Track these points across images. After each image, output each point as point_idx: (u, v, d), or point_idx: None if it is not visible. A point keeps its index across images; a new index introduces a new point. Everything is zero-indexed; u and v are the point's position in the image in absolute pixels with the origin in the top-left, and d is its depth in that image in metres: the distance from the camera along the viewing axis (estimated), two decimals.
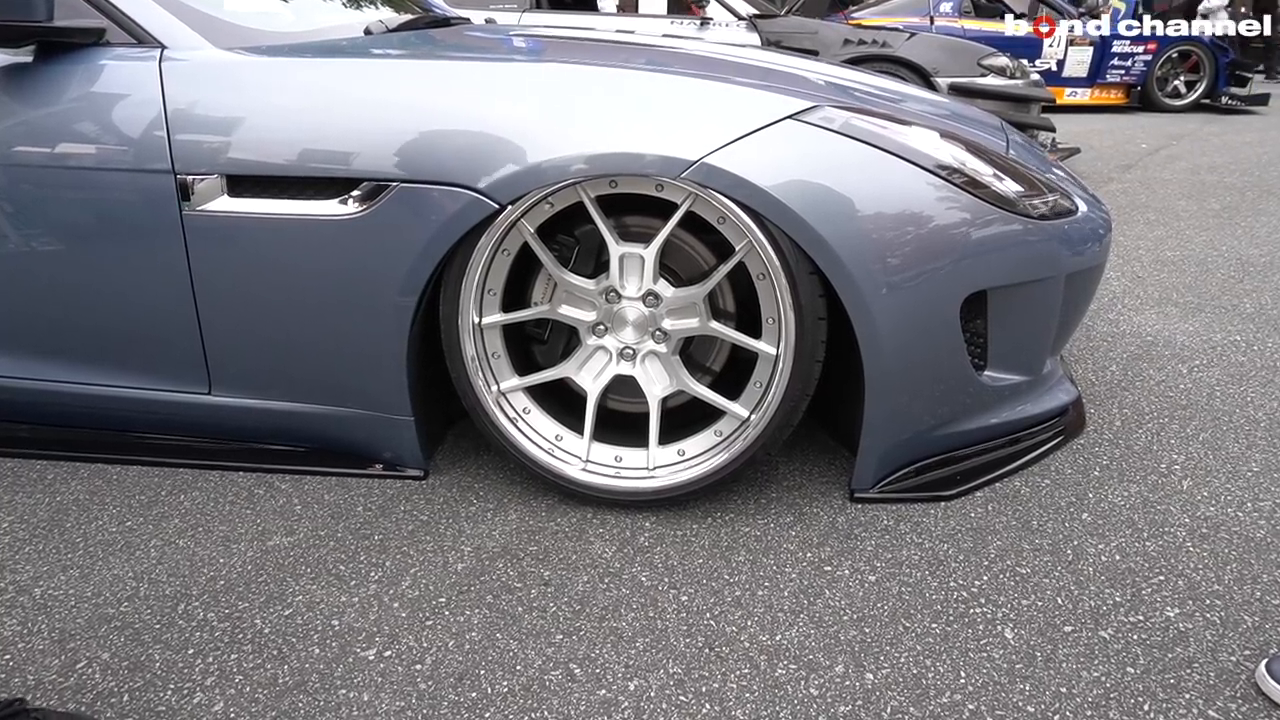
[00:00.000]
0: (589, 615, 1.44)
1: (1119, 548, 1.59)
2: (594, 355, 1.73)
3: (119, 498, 1.78)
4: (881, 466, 1.74)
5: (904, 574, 1.53)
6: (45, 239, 1.71)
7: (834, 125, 1.56)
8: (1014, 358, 1.76)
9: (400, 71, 1.69)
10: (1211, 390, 2.25)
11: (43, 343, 1.81)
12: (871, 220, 1.52)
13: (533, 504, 1.75)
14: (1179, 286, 3.13)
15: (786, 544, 1.62)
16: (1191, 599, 1.45)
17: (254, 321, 1.71)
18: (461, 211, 1.54)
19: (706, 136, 1.49)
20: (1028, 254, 1.66)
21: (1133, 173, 5.46)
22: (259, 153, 1.59)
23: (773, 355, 1.61)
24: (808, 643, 1.37)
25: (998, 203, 1.62)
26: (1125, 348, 2.55)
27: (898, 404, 1.65)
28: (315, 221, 1.60)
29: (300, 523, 1.69)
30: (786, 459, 1.90)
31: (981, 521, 1.68)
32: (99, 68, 1.65)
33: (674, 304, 1.66)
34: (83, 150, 1.64)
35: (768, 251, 1.52)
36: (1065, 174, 2.04)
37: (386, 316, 1.64)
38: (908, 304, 1.55)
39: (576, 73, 1.67)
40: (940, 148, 1.64)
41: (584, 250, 1.71)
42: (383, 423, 1.77)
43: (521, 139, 1.52)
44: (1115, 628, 1.39)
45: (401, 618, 1.43)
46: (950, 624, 1.41)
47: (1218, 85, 8.97)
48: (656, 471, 1.70)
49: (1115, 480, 1.82)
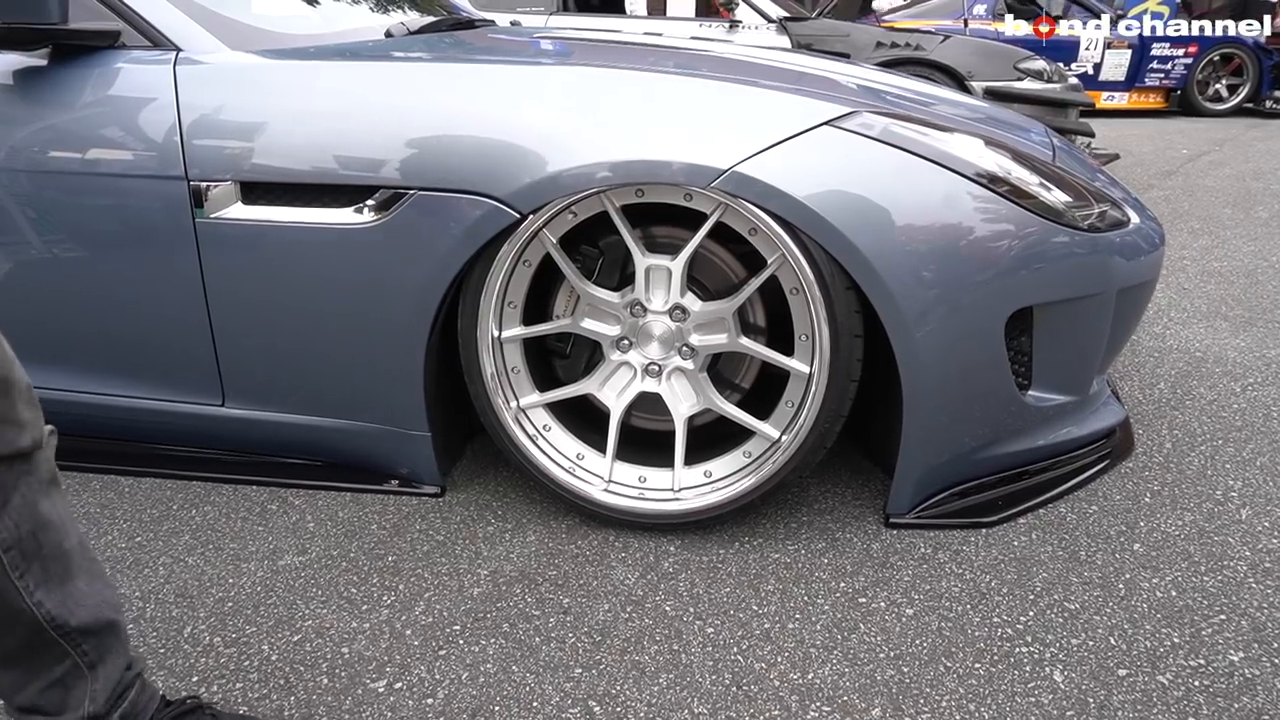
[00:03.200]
0: (610, 647, 1.36)
1: (1175, 582, 1.49)
2: (618, 371, 1.66)
3: (130, 511, 1.74)
4: (919, 490, 1.65)
5: (944, 607, 1.44)
6: (56, 245, 1.67)
7: (872, 132, 1.48)
8: (1060, 377, 1.67)
9: (419, 76, 1.63)
10: (1268, 410, 2.14)
11: (53, 351, 1.77)
12: (911, 232, 1.44)
13: (552, 525, 1.68)
14: (1228, 299, 3.00)
15: (818, 572, 1.54)
16: (1257, 641, 1.35)
17: (268, 332, 1.66)
18: (481, 221, 1.48)
19: (738, 144, 1.42)
20: (1076, 268, 1.57)
21: (1174, 179, 5.30)
22: (274, 159, 1.54)
23: (806, 374, 1.53)
24: (842, 682, 1.29)
25: (1045, 213, 1.53)
26: (1174, 364, 2.43)
27: (937, 424, 1.56)
28: (331, 230, 1.55)
29: (313, 541, 1.64)
30: (818, 480, 1.82)
31: (1026, 551, 1.59)
32: (113, 71, 1.61)
33: (702, 319, 1.58)
34: (95, 155, 1.60)
35: (801, 265, 1.44)
36: (1111, 181, 1.94)
37: (403, 328, 1.58)
38: (949, 321, 1.47)
39: (601, 76, 1.60)
40: (984, 155, 1.55)
41: (608, 262, 1.64)
42: (399, 437, 1.71)
43: (543, 146, 1.46)
44: (1174, 672, 1.29)
45: (414, 646, 1.37)
46: (995, 664, 1.32)
47: (1262, 88, 8.72)
48: (682, 494, 1.62)
49: (1168, 508, 1.72)
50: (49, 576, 0.92)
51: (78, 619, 0.95)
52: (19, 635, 0.92)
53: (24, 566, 0.89)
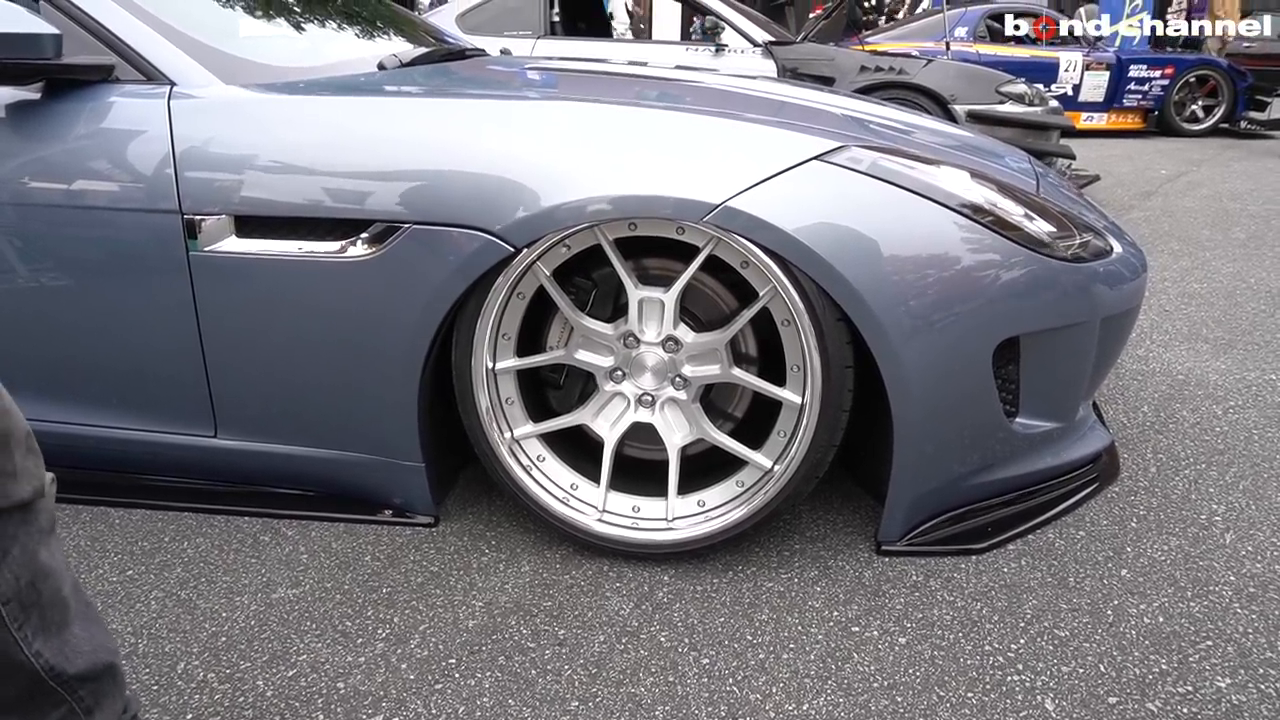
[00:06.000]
0: (605, 679, 1.37)
1: (1162, 608, 1.52)
2: (611, 402, 1.67)
3: (121, 544, 1.73)
4: (910, 517, 1.67)
5: (936, 636, 1.46)
6: (50, 277, 1.67)
7: (861, 166, 1.51)
8: (1047, 404, 1.70)
9: (412, 110, 1.65)
10: (1249, 433, 2.17)
11: (47, 383, 1.77)
12: (900, 265, 1.46)
13: (547, 555, 1.69)
14: (1208, 321, 3.05)
15: (812, 601, 1.55)
16: (1243, 668, 1.37)
17: (262, 364, 1.66)
18: (475, 254, 1.49)
19: (730, 179, 1.44)
20: (1061, 297, 1.60)
21: (1154, 200, 5.39)
22: (268, 192, 1.55)
23: (798, 404, 1.54)
24: (836, 713, 1.29)
25: (1030, 244, 1.56)
26: (1156, 387, 2.47)
27: (927, 452, 1.58)
28: (325, 263, 1.55)
29: (306, 573, 1.63)
30: (810, 507, 1.83)
31: (1015, 578, 1.60)
32: (107, 105, 1.61)
33: (695, 350, 1.60)
34: (89, 188, 1.60)
35: (793, 297, 1.46)
36: (1092, 208, 1.98)
37: (397, 361, 1.59)
38: (938, 351, 1.49)
39: (595, 111, 1.62)
40: (970, 188, 1.58)
41: (601, 294, 1.65)
42: (393, 468, 1.71)
43: (537, 180, 1.48)
44: (1163, 699, 1.31)
45: (410, 680, 1.37)
46: (987, 693, 1.33)
47: (1236, 109, 8.89)
48: (675, 523, 1.63)
49: (1154, 533, 1.75)
50: (47, 625, 0.92)
51: (75, 667, 0.95)
52: (18, 685, 0.91)
53: (23, 618, 0.89)
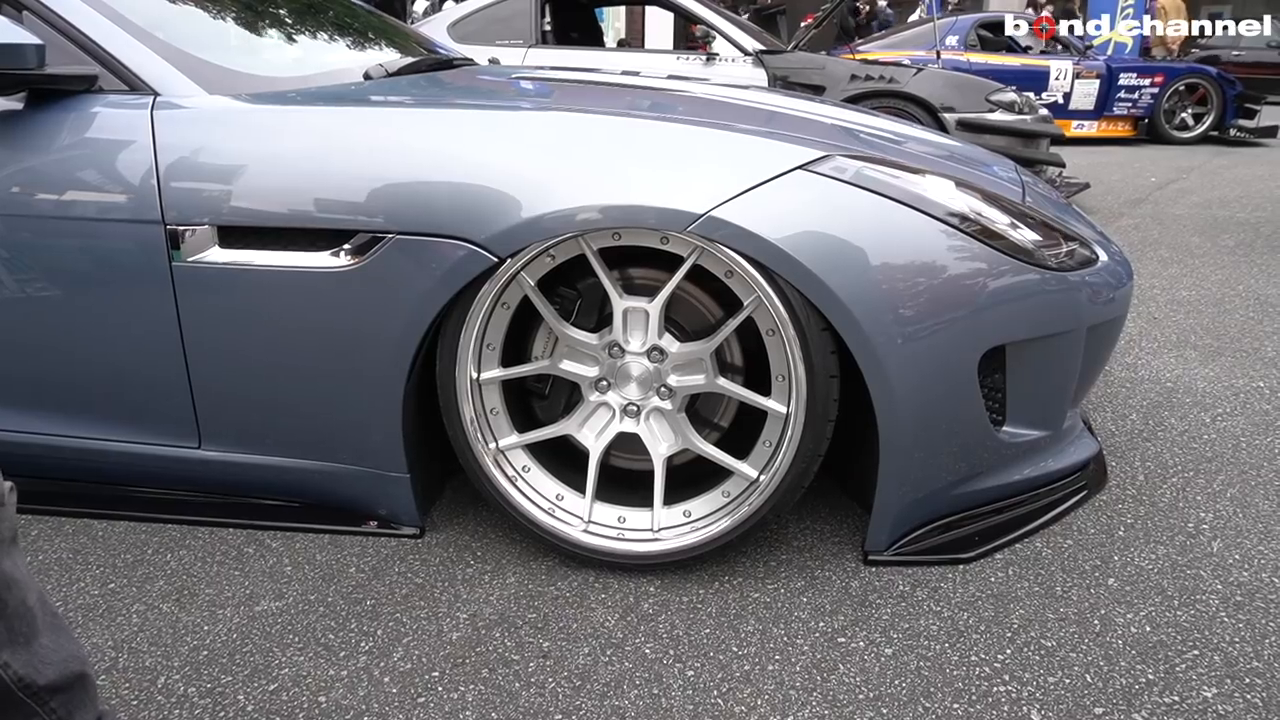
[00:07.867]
0: (590, 692, 1.36)
1: (1149, 617, 1.51)
2: (596, 412, 1.66)
3: (103, 557, 1.71)
4: (897, 526, 1.66)
5: (922, 646, 1.45)
6: (32, 288, 1.66)
7: (845, 175, 1.51)
8: (1034, 413, 1.69)
9: (396, 120, 1.65)
10: (1237, 441, 2.17)
11: (28, 394, 1.76)
12: (884, 274, 1.46)
13: (532, 566, 1.68)
14: (1197, 329, 3.05)
15: (798, 611, 1.54)
16: (1230, 677, 1.37)
17: (245, 375, 1.65)
18: (459, 264, 1.49)
19: (714, 188, 1.44)
20: (1047, 306, 1.60)
21: (1143, 208, 5.41)
22: (251, 203, 1.55)
23: (783, 414, 1.54)
24: None
25: (1014, 253, 1.56)
26: (1145, 394, 2.47)
27: (913, 461, 1.58)
28: (309, 273, 1.55)
29: (290, 585, 1.62)
30: (796, 516, 1.83)
31: (1002, 587, 1.60)
32: (90, 115, 1.61)
33: (680, 359, 1.59)
34: (72, 199, 1.60)
35: (777, 306, 1.46)
36: (1079, 217, 1.98)
37: (381, 371, 1.58)
38: (923, 360, 1.49)
39: (579, 121, 1.62)
40: (955, 197, 1.58)
41: (586, 303, 1.65)
42: (377, 479, 1.71)
43: (521, 190, 1.47)
44: (1149, 709, 1.31)
45: (392, 694, 1.36)
46: (973, 704, 1.32)
47: (1225, 117, 8.95)
48: (661, 534, 1.62)
49: (1141, 541, 1.74)
50: (14, 636, 0.91)
51: (45, 678, 0.94)
52: None
53: None
